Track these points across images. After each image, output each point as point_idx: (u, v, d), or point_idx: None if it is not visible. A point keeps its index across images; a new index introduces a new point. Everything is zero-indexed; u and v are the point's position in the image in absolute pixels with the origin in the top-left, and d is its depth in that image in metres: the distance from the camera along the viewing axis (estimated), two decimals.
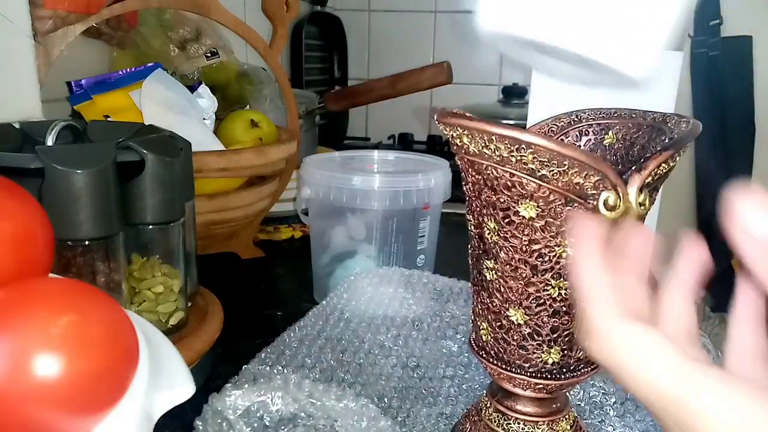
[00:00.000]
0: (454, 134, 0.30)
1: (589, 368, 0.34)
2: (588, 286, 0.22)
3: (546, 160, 0.27)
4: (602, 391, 0.47)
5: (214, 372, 0.50)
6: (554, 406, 0.36)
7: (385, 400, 0.45)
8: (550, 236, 0.30)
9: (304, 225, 0.82)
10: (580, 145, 0.37)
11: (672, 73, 0.56)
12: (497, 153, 0.28)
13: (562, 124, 0.38)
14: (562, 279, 0.31)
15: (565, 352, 0.33)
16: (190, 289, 0.50)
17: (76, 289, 0.23)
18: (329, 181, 0.60)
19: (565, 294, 0.31)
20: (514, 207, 0.30)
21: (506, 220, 0.30)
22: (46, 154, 0.35)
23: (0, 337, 0.20)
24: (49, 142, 0.39)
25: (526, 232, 0.30)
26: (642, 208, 0.27)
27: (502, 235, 0.31)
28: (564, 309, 0.31)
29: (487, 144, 0.28)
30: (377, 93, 1.06)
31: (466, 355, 0.51)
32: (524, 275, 0.31)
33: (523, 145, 0.27)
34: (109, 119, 0.65)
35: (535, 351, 0.33)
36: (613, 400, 0.46)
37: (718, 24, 1.38)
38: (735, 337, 0.22)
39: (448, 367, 0.50)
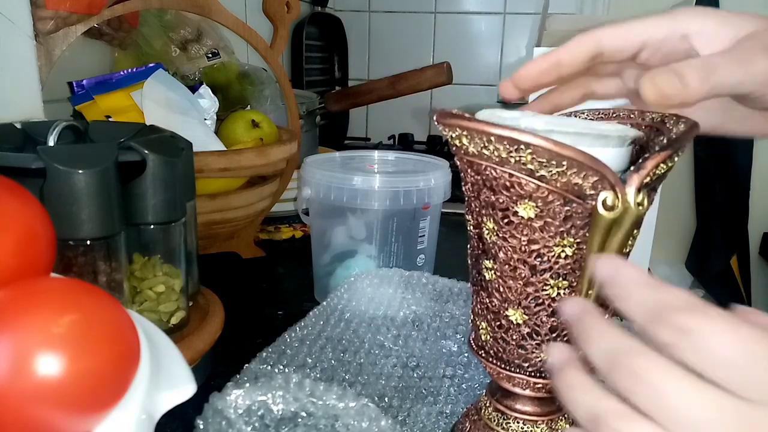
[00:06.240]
0: (454, 135, 0.30)
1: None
2: None
3: (545, 160, 0.27)
4: None
5: (215, 371, 0.50)
6: (553, 405, 0.36)
7: (386, 399, 0.45)
8: (548, 236, 0.30)
9: (305, 225, 0.82)
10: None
11: None
12: (496, 153, 0.28)
13: None
14: (560, 279, 0.31)
15: None
16: (192, 288, 0.50)
17: (78, 288, 0.23)
18: (330, 181, 0.60)
19: (563, 294, 0.31)
20: (513, 207, 0.30)
21: (505, 221, 0.31)
22: (47, 154, 0.35)
23: (1, 336, 0.20)
24: (51, 142, 0.39)
25: (524, 232, 0.30)
26: (640, 208, 0.27)
27: (501, 235, 0.31)
28: None
29: (486, 144, 0.28)
30: (377, 93, 1.07)
31: (466, 354, 0.51)
32: (523, 275, 0.31)
33: (522, 146, 0.27)
34: (110, 119, 0.65)
35: (534, 350, 0.33)
36: None
37: None
38: None
39: (447, 366, 0.50)
